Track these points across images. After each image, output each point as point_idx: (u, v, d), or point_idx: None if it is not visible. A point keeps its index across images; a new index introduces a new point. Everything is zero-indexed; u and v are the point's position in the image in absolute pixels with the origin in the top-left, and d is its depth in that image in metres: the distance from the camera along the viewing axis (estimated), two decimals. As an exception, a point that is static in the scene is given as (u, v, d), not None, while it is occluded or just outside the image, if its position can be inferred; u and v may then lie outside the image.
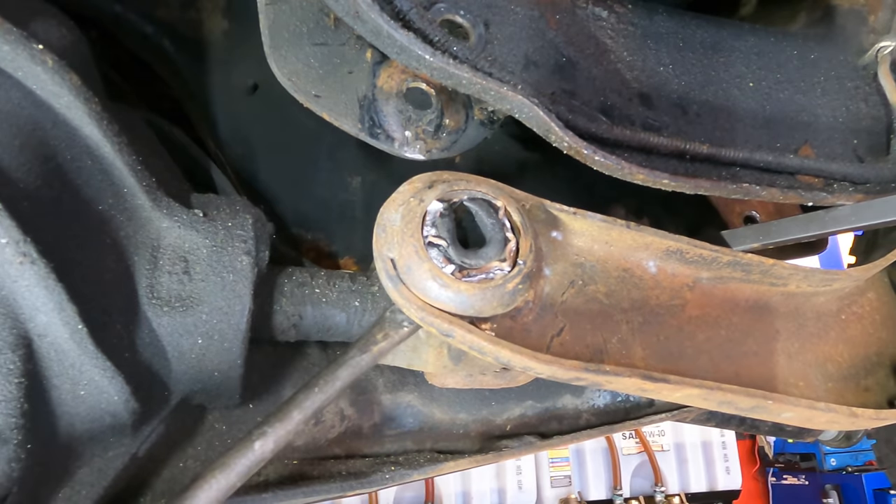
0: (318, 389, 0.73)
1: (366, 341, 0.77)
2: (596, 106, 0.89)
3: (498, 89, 0.76)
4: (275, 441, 0.70)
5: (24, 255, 0.62)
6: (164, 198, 0.79)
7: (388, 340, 0.76)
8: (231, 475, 0.68)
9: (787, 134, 1.01)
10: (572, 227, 0.83)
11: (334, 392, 0.74)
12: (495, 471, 4.35)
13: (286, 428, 0.71)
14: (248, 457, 0.69)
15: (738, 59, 1.03)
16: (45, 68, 0.68)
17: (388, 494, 4.13)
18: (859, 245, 1.51)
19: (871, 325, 1.11)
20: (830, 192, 0.98)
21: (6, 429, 0.63)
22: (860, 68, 1.10)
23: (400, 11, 0.75)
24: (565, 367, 0.73)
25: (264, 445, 0.69)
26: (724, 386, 0.82)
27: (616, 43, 0.95)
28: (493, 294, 0.70)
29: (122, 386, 0.70)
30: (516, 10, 0.86)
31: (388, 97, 0.88)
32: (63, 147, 0.71)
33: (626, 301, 0.85)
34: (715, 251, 0.89)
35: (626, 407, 1.23)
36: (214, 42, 1.23)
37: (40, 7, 0.79)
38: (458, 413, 1.09)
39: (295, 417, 0.72)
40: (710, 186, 0.90)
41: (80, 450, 0.71)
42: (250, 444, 0.69)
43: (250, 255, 0.82)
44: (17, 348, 0.64)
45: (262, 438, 0.70)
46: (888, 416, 0.98)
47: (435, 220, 0.71)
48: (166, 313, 0.76)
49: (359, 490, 0.94)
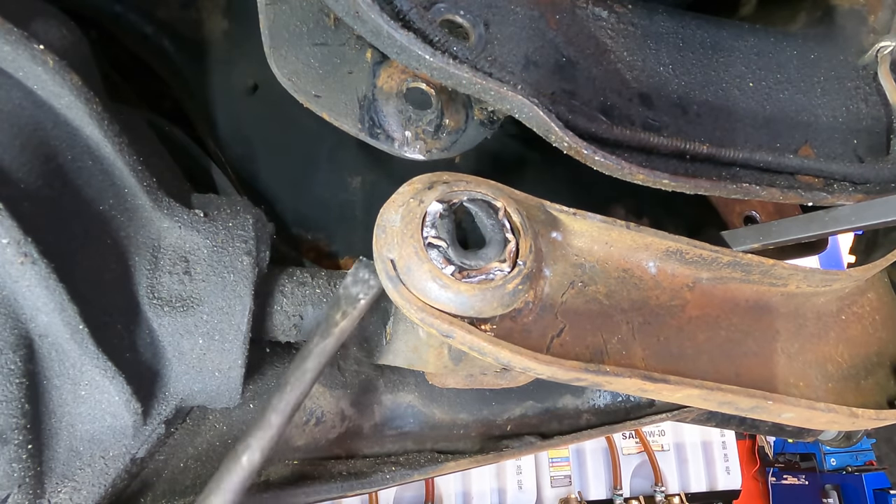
0: (291, 388, 0.73)
1: (326, 325, 0.76)
2: (596, 106, 0.89)
3: (498, 89, 0.76)
4: (261, 451, 0.70)
5: (25, 255, 0.62)
6: (165, 198, 0.79)
7: (348, 318, 0.75)
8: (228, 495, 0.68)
9: (787, 134, 1.01)
10: (572, 227, 0.83)
11: (307, 385, 0.74)
12: (495, 471, 4.35)
13: (269, 435, 0.71)
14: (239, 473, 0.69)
15: (738, 59, 1.03)
16: (46, 68, 0.68)
17: (388, 494, 4.13)
18: (859, 245, 1.51)
19: (871, 325, 1.11)
20: (830, 192, 0.98)
21: (7, 429, 0.63)
22: (860, 68, 1.10)
23: (400, 11, 0.75)
24: (565, 368, 0.73)
25: (252, 457, 0.70)
26: (724, 386, 0.82)
27: (616, 43, 0.95)
28: (493, 295, 0.70)
29: (122, 386, 0.70)
30: (516, 10, 0.87)
31: (388, 97, 0.88)
32: (64, 147, 0.71)
33: (626, 301, 0.85)
34: (715, 251, 0.89)
35: (626, 407, 1.23)
36: (214, 42, 1.23)
37: (41, 7, 0.79)
38: (458, 413, 1.09)
39: (275, 422, 0.71)
40: (710, 186, 0.90)
41: (80, 450, 0.71)
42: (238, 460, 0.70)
43: (251, 255, 0.82)
44: (18, 348, 0.64)
45: (247, 452, 0.70)
46: (888, 416, 0.98)
47: (435, 220, 0.71)
48: (167, 313, 0.76)
49: (359, 490, 0.94)
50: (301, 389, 0.73)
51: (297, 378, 0.74)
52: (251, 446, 0.70)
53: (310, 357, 0.74)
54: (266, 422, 0.71)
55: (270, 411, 0.72)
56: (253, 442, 0.70)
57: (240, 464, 0.69)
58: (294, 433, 0.95)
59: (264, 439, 0.71)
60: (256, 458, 0.70)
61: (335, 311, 0.76)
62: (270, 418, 0.71)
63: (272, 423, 0.71)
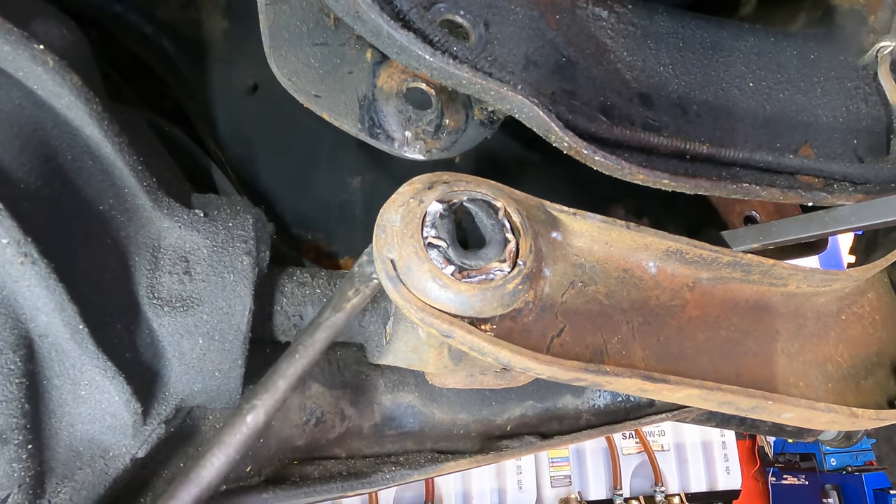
0: (300, 355, 0.75)
1: (339, 300, 0.77)
2: (596, 106, 0.89)
3: (498, 89, 0.76)
4: (265, 412, 0.72)
5: (25, 255, 0.62)
6: (165, 198, 0.79)
7: (360, 296, 0.77)
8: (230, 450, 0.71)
9: (787, 134, 1.01)
10: (572, 227, 0.83)
11: (315, 355, 0.76)
12: (495, 471, 4.35)
13: (274, 398, 0.73)
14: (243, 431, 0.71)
15: (738, 59, 1.03)
16: (46, 68, 0.68)
17: (388, 494, 4.13)
18: (859, 245, 1.51)
19: (871, 326, 1.11)
20: (830, 192, 0.98)
21: (7, 429, 0.63)
22: (860, 68, 1.10)
23: (400, 11, 0.75)
24: (565, 368, 0.73)
25: (256, 418, 0.72)
26: (724, 386, 0.82)
27: (616, 43, 0.95)
28: (493, 295, 0.70)
29: (122, 386, 0.70)
30: (516, 10, 0.87)
31: (388, 97, 0.88)
32: (64, 147, 0.71)
33: (626, 301, 0.85)
34: (715, 251, 0.89)
35: (626, 407, 1.23)
36: (214, 42, 1.23)
37: (41, 7, 0.79)
38: (458, 413, 1.09)
39: (281, 387, 0.74)
40: (710, 186, 0.90)
41: (80, 450, 0.71)
42: (243, 419, 0.72)
43: (251, 255, 0.82)
44: (18, 348, 0.64)
45: (253, 412, 0.72)
46: (888, 417, 0.98)
47: (435, 220, 0.71)
48: (167, 313, 0.76)
49: (359, 490, 0.94)
50: (309, 358, 0.75)
51: (306, 347, 0.75)
52: (256, 407, 0.72)
53: (319, 329, 0.76)
54: (273, 385, 0.73)
55: (278, 376, 0.74)
56: (258, 403, 0.72)
57: (244, 422, 0.71)
58: (294, 433, 0.95)
59: (269, 402, 0.73)
60: (261, 418, 0.72)
61: (348, 286, 0.78)
62: (278, 382, 0.73)
63: (279, 387, 0.73)
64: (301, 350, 0.75)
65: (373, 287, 0.77)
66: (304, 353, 0.75)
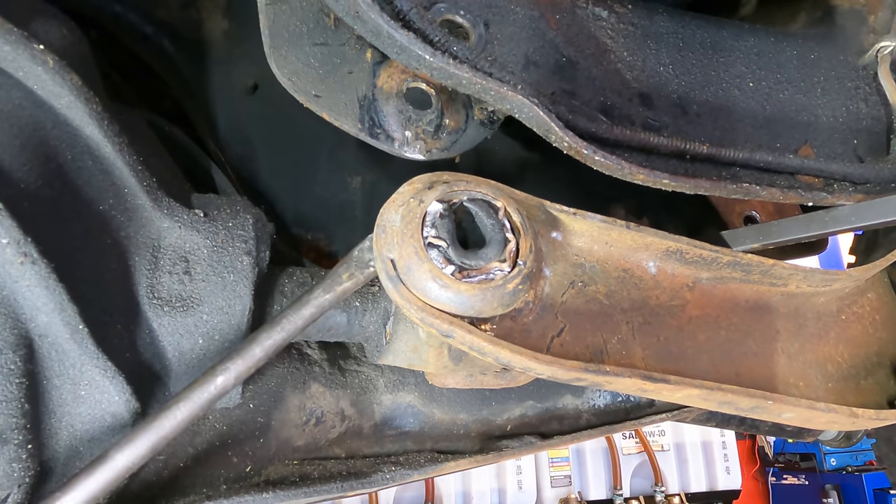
0: (280, 328, 0.75)
1: (331, 281, 0.77)
2: (596, 106, 0.89)
3: (498, 89, 0.76)
4: (236, 377, 0.73)
5: (25, 255, 0.62)
6: (165, 198, 0.79)
7: (352, 281, 0.77)
8: (194, 406, 0.71)
9: (787, 134, 1.01)
10: (572, 227, 0.83)
11: (296, 330, 0.75)
12: (495, 471, 4.35)
13: (247, 364, 0.73)
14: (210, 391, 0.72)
15: (738, 59, 1.03)
16: (46, 68, 0.68)
17: (388, 494, 4.13)
18: (859, 245, 1.51)
19: (871, 325, 1.11)
20: (830, 192, 0.98)
21: (7, 429, 0.63)
22: (860, 68, 1.10)
23: (400, 11, 0.75)
24: (565, 368, 0.73)
25: (226, 380, 0.72)
26: (724, 386, 0.82)
27: (616, 43, 0.95)
28: (493, 294, 0.70)
29: (122, 386, 0.70)
30: (516, 10, 0.87)
31: (388, 97, 0.88)
32: (64, 147, 0.71)
33: (626, 301, 0.85)
34: (715, 251, 0.89)
35: (626, 407, 1.23)
36: (214, 42, 1.23)
37: (41, 7, 0.79)
38: (458, 413, 1.09)
39: (257, 354, 0.74)
40: (710, 186, 0.90)
41: (80, 450, 0.71)
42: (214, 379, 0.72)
43: (251, 255, 0.82)
44: (18, 348, 0.64)
45: (224, 374, 0.72)
46: (888, 416, 0.98)
47: (435, 220, 0.71)
48: (167, 313, 0.76)
49: (359, 490, 0.94)
50: (289, 332, 0.75)
51: (289, 321, 0.75)
52: (228, 369, 0.72)
53: (306, 306, 0.76)
54: (248, 352, 0.73)
55: (255, 344, 0.74)
56: (231, 366, 0.73)
57: (214, 382, 0.72)
58: (294, 433, 0.95)
59: (242, 367, 0.73)
60: (231, 381, 0.72)
61: (344, 269, 0.77)
62: (254, 349, 0.74)
63: (253, 355, 0.73)
64: (283, 323, 0.75)
65: (367, 274, 0.77)
66: (284, 327, 0.75)
